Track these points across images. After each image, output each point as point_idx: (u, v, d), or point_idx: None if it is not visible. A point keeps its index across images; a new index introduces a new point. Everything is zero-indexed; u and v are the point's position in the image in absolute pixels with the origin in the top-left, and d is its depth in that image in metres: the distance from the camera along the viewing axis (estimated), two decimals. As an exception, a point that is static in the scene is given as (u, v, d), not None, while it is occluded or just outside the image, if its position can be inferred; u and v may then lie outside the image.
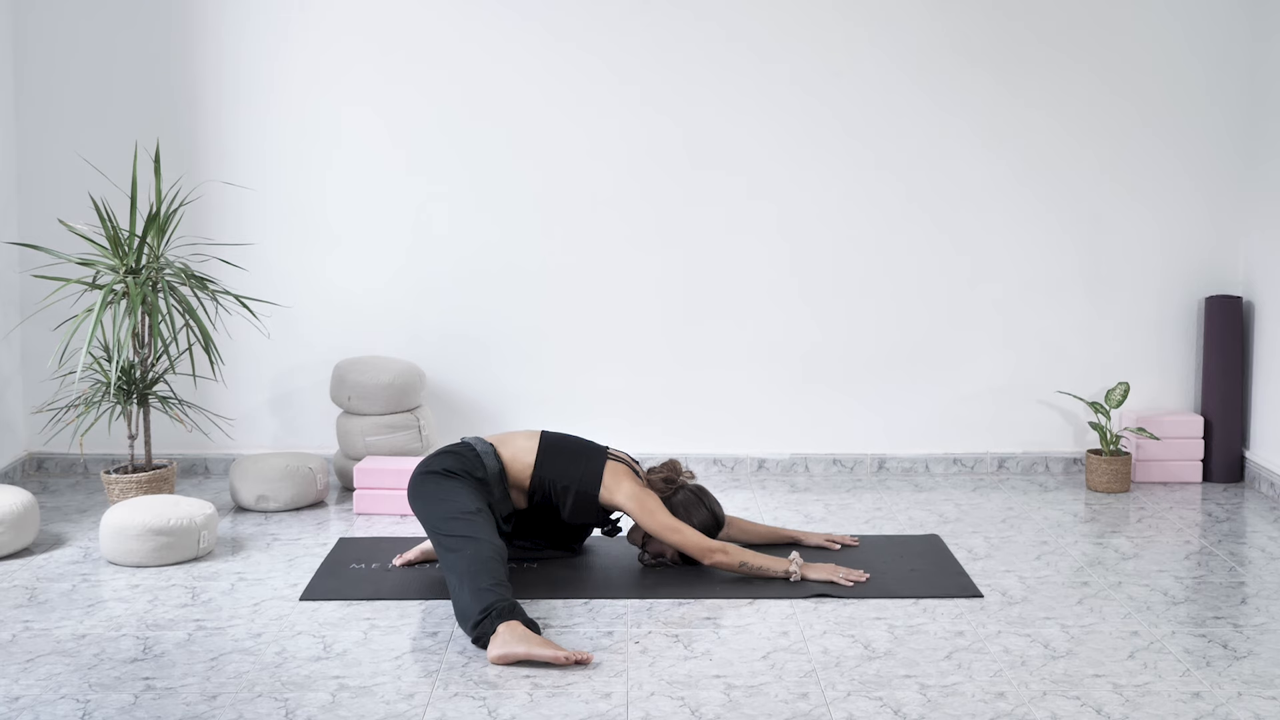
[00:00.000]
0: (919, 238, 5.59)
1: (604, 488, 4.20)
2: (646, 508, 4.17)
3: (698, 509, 4.30)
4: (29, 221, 5.49)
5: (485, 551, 3.77)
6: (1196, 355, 5.66)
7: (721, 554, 4.15)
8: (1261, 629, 3.77)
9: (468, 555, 3.75)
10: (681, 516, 4.24)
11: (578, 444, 4.31)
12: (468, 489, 4.04)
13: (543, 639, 3.52)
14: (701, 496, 4.34)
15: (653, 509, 4.17)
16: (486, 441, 4.23)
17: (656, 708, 3.22)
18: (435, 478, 4.08)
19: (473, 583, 3.66)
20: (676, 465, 4.35)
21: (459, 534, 3.84)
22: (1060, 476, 5.64)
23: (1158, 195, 5.59)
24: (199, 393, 5.49)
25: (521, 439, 4.27)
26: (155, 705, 3.24)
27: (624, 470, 4.25)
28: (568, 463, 4.22)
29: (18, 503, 4.47)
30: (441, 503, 3.98)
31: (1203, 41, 5.51)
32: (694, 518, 4.26)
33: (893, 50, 5.50)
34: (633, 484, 4.22)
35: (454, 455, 4.17)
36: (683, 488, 4.33)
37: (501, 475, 4.17)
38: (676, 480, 4.32)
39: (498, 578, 3.69)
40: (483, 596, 3.62)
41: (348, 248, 5.60)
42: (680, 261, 5.61)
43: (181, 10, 5.46)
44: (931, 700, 3.26)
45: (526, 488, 4.22)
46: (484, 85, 5.51)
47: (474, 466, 4.13)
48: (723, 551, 4.15)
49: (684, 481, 4.34)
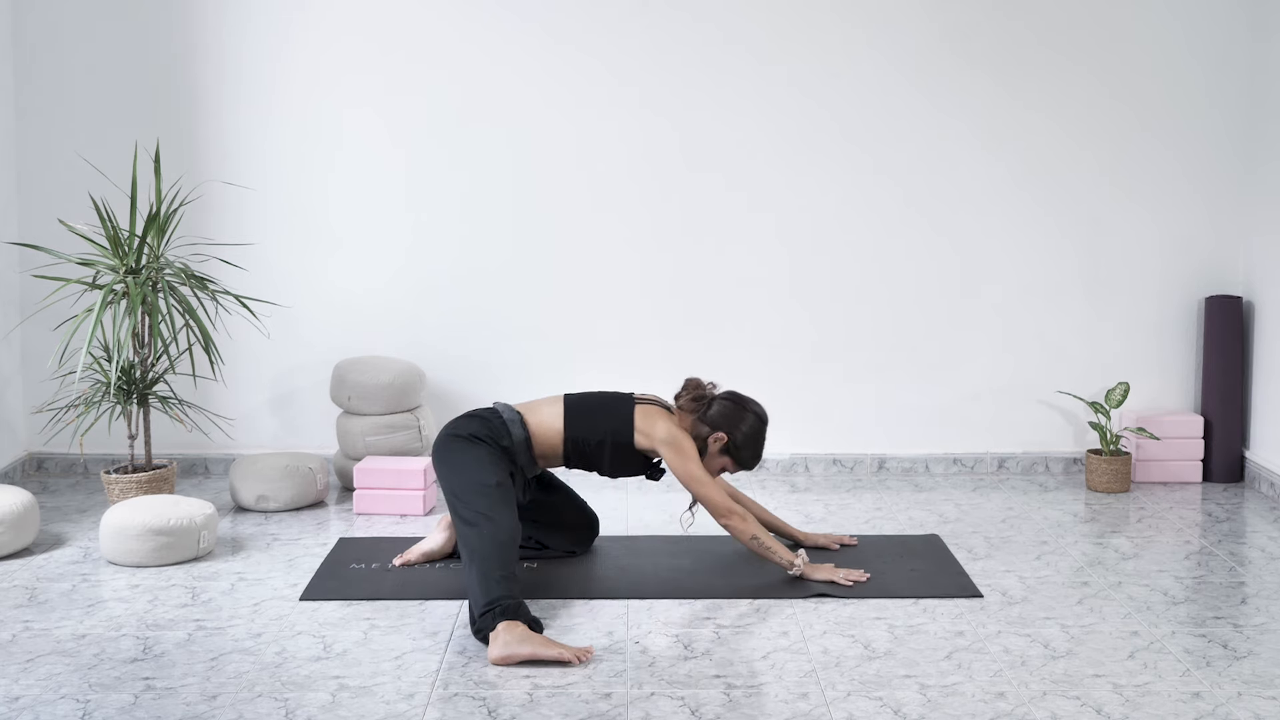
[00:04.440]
0: (919, 238, 5.59)
1: (638, 433, 4.13)
2: (681, 451, 4.08)
3: (741, 415, 4.18)
4: (29, 221, 5.49)
5: (501, 534, 3.75)
6: (1196, 355, 5.66)
7: (739, 520, 4.09)
8: (1261, 629, 3.77)
9: (484, 535, 3.74)
10: (725, 428, 4.15)
11: (602, 397, 4.24)
12: (492, 458, 4.00)
13: (545, 638, 3.52)
14: (740, 402, 4.22)
15: (687, 454, 4.08)
16: (514, 409, 4.17)
17: (656, 708, 3.22)
18: (461, 443, 4.05)
19: (482, 568, 3.66)
20: (696, 380, 4.24)
21: (478, 509, 3.82)
22: (1060, 476, 5.64)
23: (1158, 196, 5.59)
24: (199, 393, 5.49)
25: (546, 406, 4.20)
26: (155, 705, 3.24)
27: (655, 410, 4.17)
28: (596, 418, 4.15)
29: (18, 503, 4.47)
30: (464, 470, 3.95)
31: (1202, 42, 5.50)
32: (741, 427, 4.16)
33: (892, 52, 5.50)
34: (668, 424, 4.13)
35: (481, 420, 4.12)
36: (714, 400, 4.22)
37: (527, 444, 4.13)
38: (704, 394, 4.21)
39: (507, 569, 3.68)
40: (490, 589, 3.62)
41: (348, 248, 5.60)
42: (679, 263, 5.61)
43: (182, 10, 5.46)
44: (931, 700, 3.26)
45: (560, 453, 4.17)
46: (484, 86, 5.51)
47: (500, 434, 4.09)
48: (740, 518, 4.09)
49: (711, 393, 4.24)
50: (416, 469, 5.01)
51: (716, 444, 4.18)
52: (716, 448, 4.19)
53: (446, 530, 4.34)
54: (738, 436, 4.18)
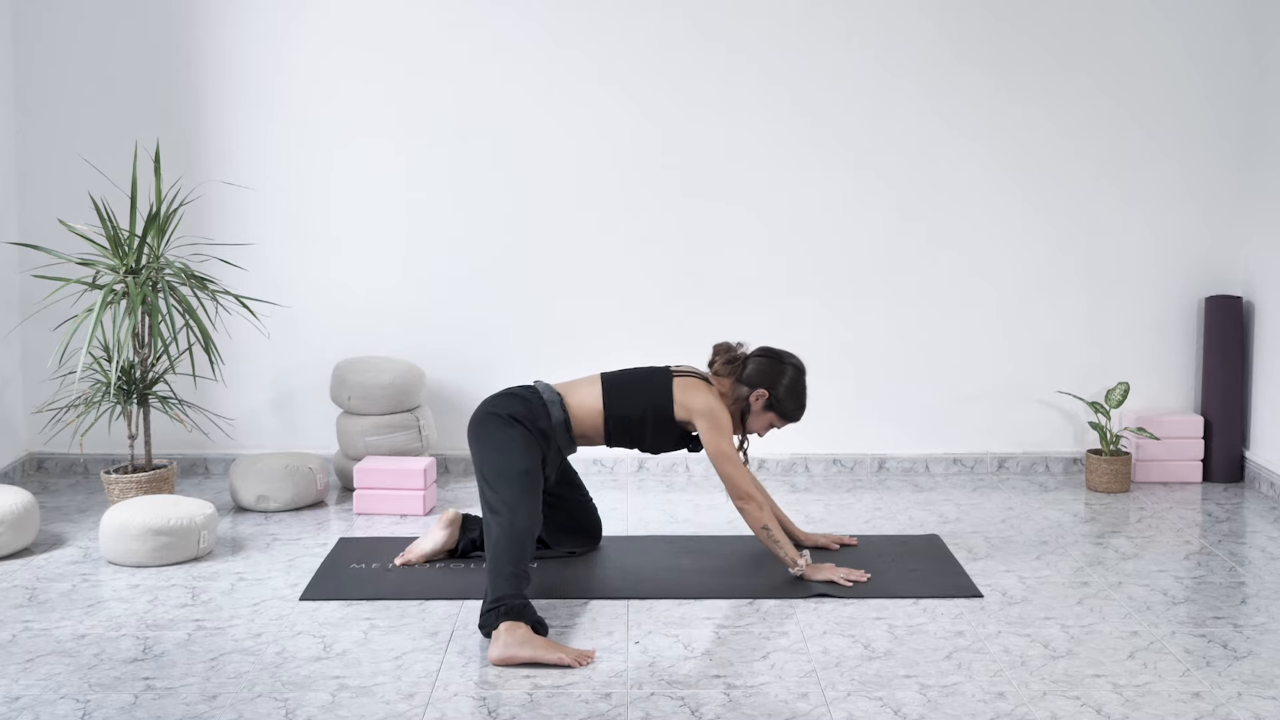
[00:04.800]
0: (919, 238, 5.59)
1: (677, 405, 4.12)
2: (716, 425, 4.07)
3: (779, 369, 4.16)
4: (29, 221, 5.49)
5: (518, 527, 3.75)
6: (1196, 355, 5.66)
7: (755, 507, 4.09)
8: (1261, 629, 3.77)
9: (503, 527, 3.75)
10: (765, 384, 4.13)
11: (639, 373, 4.23)
12: (526, 442, 3.98)
13: (547, 641, 3.51)
14: (775, 356, 4.20)
15: (721, 429, 4.07)
16: (554, 390, 4.15)
17: (656, 708, 3.22)
18: (498, 421, 4.03)
19: (495, 562, 3.67)
20: (724, 344, 4.23)
21: (502, 497, 3.83)
22: (1060, 476, 5.64)
23: (1157, 196, 5.59)
24: (199, 393, 5.49)
25: (585, 386, 4.18)
26: (155, 705, 3.24)
27: (694, 382, 4.16)
28: (635, 394, 4.14)
29: (18, 503, 4.47)
30: (497, 452, 3.95)
31: (1201, 42, 5.50)
32: (781, 380, 4.15)
33: (891, 54, 5.50)
34: (706, 396, 4.12)
35: (520, 400, 4.10)
36: (748, 359, 4.20)
37: (566, 425, 4.12)
38: (737, 355, 4.20)
39: (518, 565, 3.67)
40: (498, 585, 3.62)
41: (348, 248, 5.60)
42: (679, 263, 5.61)
43: (182, 10, 5.46)
44: (931, 700, 3.26)
45: (601, 432, 4.16)
46: (485, 87, 5.51)
47: (538, 414, 4.07)
48: (757, 506, 4.09)
49: (743, 353, 4.23)
50: (416, 469, 5.01)
51: (759, 401, 4.17)
52: (759, 405, 4.18)
53: (446, 528, 4.34)
54: (779, 390, 4.17)
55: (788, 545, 4.12)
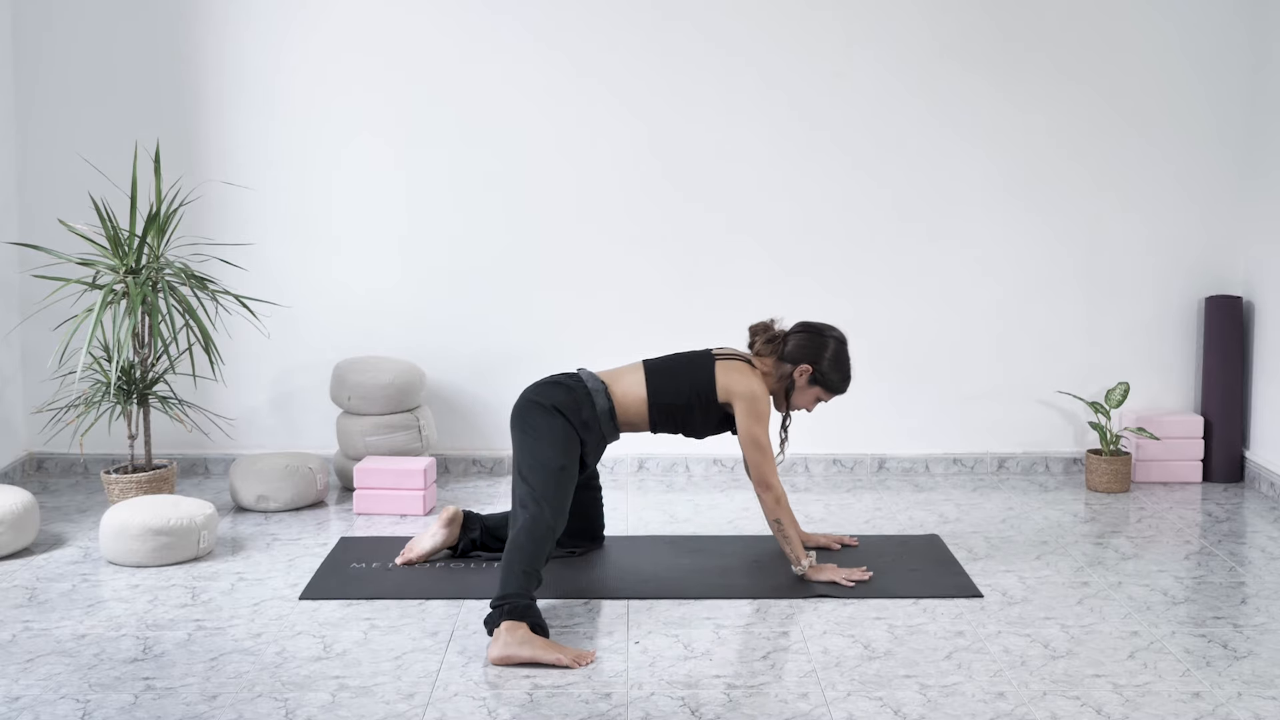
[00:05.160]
0: (919, 239, 5.59)
1: (719, 387, 4.11)
2: (754, 411, 4.07)
3: (821, 342, 4.17)
4: (29, 221, 5.49)
5: (540, 525, 3.77)
6: (1196, 355, 5.66)
7: (773, 497, 4.09)
8: (1261, 629, 3.77)
9: (527, 522, 3.78)
10: (808, 359, 4.14)
11: (681, 358, 4.23)
12: (565, 436, 3.99)
13: (547, 641, 3.51)
14: (815, 330, 4.21)
15: (758, 416, 4.07)
16: (599, 379, 4.15)
17: (656, 708, 3.22)
18: (541, 412, 4.04)
19: (509, 558, 3.69)
20: (761, 324, 4.24)
21: (533, 491, 3.85)
22: (1060, 476, 5.64)
23: (1157, 196, 5.59)
24: (199, 393, 5.49)
25: (629, 374, 4.18)
26: (155, 705, 3.24)
27: (737, 364, 4.15)
28: (679, 379, 4.14)
29: (18, 503, 4.47)
30: (536, 443, 3.96)
31: (1200, 43, 5.50)
32: (824, 354, 4.15)
33: (890, 56, 5.50)
34: (749, 380, 4.11)
35: (564, 389, 4.10)
36: (788, 336, 4.20)
37: (611, 414, 4.11)
38: (776, 334, 4.21)
39: (531, 564, 3.68)
40: (508, 582, 3.64)
41: (348, 248, 5.60)
42: (680, 263, 5.61)
43: (182, 9, 5.46)
44: (931, 700, 3.26)
45: (646, 419, 4.16)
46: (485, 88, 5.51)
47: (582, 403, 4.07)
48: (774, 497, 4.09)
49: (780, 330, 4.23)
50: (416, 469, 5.01)
51: (803, 377, 4.17)
52: (804, 380, 4.18)
53: (446, 526, 4.34)
54: (823, 364, 4.17)
55: (797, 543, 4.12)
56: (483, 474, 5.66)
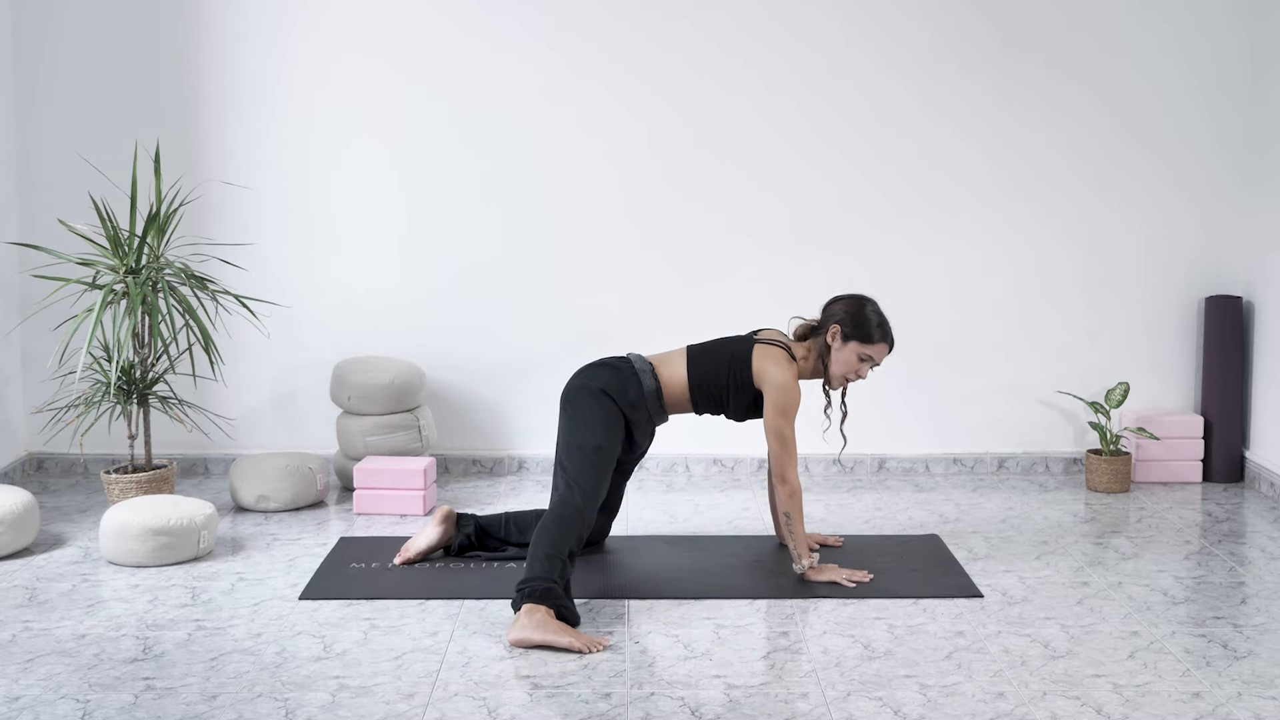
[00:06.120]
0: (919, 239, 5.59)
1: (755, 371, 4.16)
2: (780, 403, 4.10)
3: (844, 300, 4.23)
4: (29, 221, 5.49)
5: (568, 509, 3.84)
6: (1196, 355, 5.66)
7: (787, 492, 4.11)
8: (1261, 629, 3.77)
9: (555, 505, 3.88)
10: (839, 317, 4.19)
11: (722, 342, 4.29)
12: (608, 418, 4.07)
13: (561, 625, 3.58)
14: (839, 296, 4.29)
15: (785, 409, 4.10)
16: (647, 360, 4.23)
17: (656, 708, 3.22)
18: (588, 394, 4.13)
19: (537, 539, 3.77)
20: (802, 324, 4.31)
21: (569, 473, 3.94)
22: (1060, 476, 5.64)
23: (1157, 196, 5.59)
24: (199, 393, 5.49)
25: (675, 357, 4.26)
26: (155, 705, 3.24)
27: (771, 352, 4.18)
28: (719, 362, 4.20)
29: (18, 503, 4.47)
30: (578, 425, 4.05)
31: (1200, 43, 5.50)
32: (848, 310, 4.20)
33: (889, 57, 5.50)
34: (783, 370, 4.15)
35: (612, 370, 4.20)
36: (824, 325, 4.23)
37: (658, 394, 4.18)
38: (812, 323, 4.29)
39: (557, 549, 3.74)
40: (532, 565, 3.72)
41: (348, 248, 5.60)
42: (680, 263, 5.61)
43: (182, 10, 5.46)
44: (931, 700, 3.26)
45: (689, 400, 4.23)
46: (485, 87, 5.51)
47: (629, 385, 4.14)
48: (791, 493, 4.11)
49: (812, 323, 4.29)
50: (416, 469, 5.01)
51: (835, 337, 4.21)
52: (837, 340, 4.21)
53: (440, 525, 4.35)
54: (853, 317, 4.20)
55: (802, 541, 4.13)
56: (483, 474, 5.66)
